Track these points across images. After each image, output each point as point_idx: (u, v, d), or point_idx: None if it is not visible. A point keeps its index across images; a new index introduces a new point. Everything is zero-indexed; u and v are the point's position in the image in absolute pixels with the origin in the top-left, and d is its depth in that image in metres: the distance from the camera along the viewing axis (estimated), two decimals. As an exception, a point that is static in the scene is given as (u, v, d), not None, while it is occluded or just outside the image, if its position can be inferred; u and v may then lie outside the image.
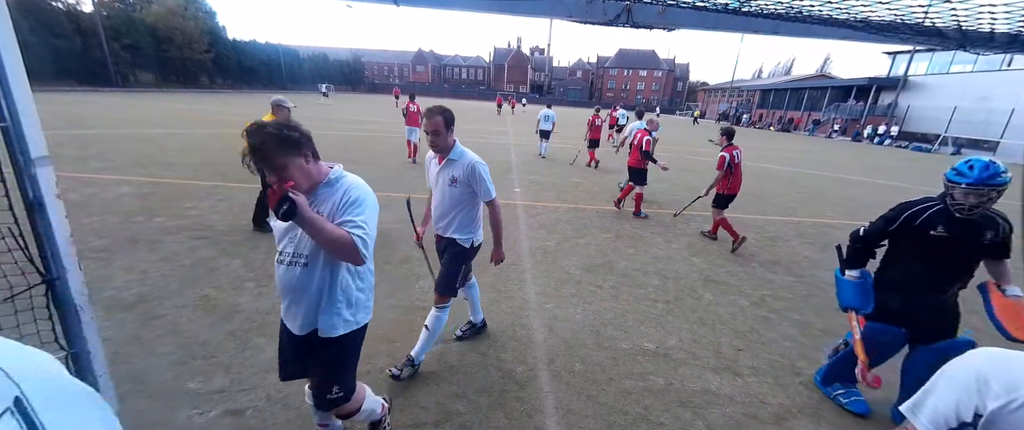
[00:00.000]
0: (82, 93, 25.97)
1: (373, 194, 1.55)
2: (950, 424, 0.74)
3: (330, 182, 1.52)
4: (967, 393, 0.74)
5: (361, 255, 1.41)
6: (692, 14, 1.98)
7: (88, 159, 7.61)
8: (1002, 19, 1.22)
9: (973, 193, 2.04)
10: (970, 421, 0.72)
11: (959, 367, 0.78)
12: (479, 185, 2.42)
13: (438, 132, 2.26)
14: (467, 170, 2.38)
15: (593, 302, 3.72)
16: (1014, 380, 0.70)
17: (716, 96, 71.51)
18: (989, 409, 0.70)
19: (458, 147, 2.41)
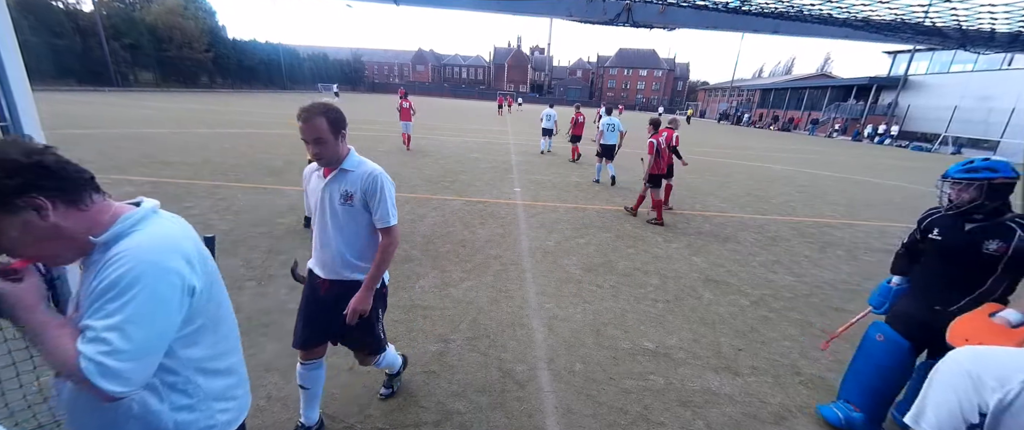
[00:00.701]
0: (82, 92, 25.98)
1: (167, 260, 0.89)
2: (958, 426, 0.74)
3: (104, 244, 0.89)
4: (966, 393, 0.74)
5: (97, 387, 0.79)
6: (692, 13, 1.98)
7: (88, 158, 7.61)
8: (1002, 19, 1.22)
9: (950, 186, 1.99)
10: (977, 423, 0.72)
11: (948, 370, 0.78)
12: (379, 203, 1.79)
13: (322, 139, 1.65)
14: (367, 182, 1.78)
15: (593, 302, 3.72)
16: (1003, 373, 0.72)
17: (716, 96, 71.47)
18: (991, 405, 0.71)
19: (354, 155, 1.81)
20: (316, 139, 1.66)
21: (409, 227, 5.36)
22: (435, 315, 3.31)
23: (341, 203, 1.79)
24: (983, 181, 1.89)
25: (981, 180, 1.89)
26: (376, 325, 2.00)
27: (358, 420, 2.23)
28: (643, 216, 6.61)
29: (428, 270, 4.12)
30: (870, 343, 2.29)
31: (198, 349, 0.98)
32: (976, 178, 1.90)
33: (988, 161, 1.94)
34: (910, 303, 2.24)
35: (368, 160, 1.85)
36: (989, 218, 1.94)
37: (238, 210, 5.49)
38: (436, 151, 11.88)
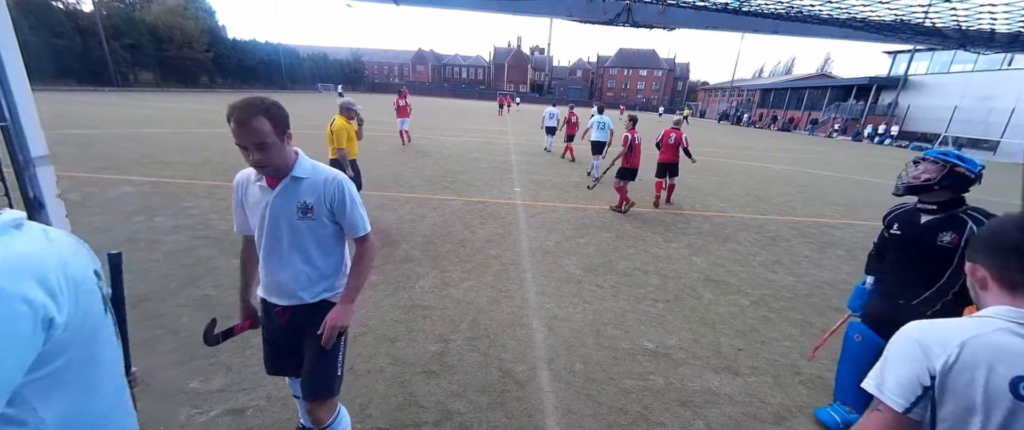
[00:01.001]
0: (82, 92, 25.98)
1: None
2: (915, 392, 0.84)
3: None
4: (916, 361, 0.84)
5: None
6: (692, 13, 1.98)
7: (89, 158, 7.61)
8: (1002, 19, 1.22)
9: (915, 164, 2.04)
10: (929, 385, 0.83)
11: (899, 342, 0.90)
12: (348, 212, 1.57)
13: (265, 144, 1.39)
14: (328, 191, 1.53)
15: (593, 302, 3.72)
16: (945, 338, 0.83)
17: (716, 96, 71.47)
18: (938, 368, 0.81)
19: (304, 160, 1.56)
20: (258, 144, 1.38)
21: (409, 227, 5.36)
22: (435, 315, 3.31)
23: (300, 218, 1.52)
24: (947, 164, 1.94)
25: (947, 162, 1.95)
26: (338, 356, 1.68)
27: (358, 420, 2.23)
28: (642, 215, 6.62)
29: (428, 270, 4.13)
30: (850, 344, 2.31)
31: (59, 403, 0.74)
32: (944, 160, 1.96)
33: (961, 153, 2.00)
34: (879, 300, 2.27)
35: (320, 164, 1.61)
36: (944, 210, 1.97)
37: (238, 210, 5.48)
38: (436, 151, 11.88)
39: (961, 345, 0.81)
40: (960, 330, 0.83)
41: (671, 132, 7.37)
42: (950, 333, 0.84)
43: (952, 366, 0.80)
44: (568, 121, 11.91)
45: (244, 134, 1.37)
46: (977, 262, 0.94)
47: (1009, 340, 0.79)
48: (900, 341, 0.90)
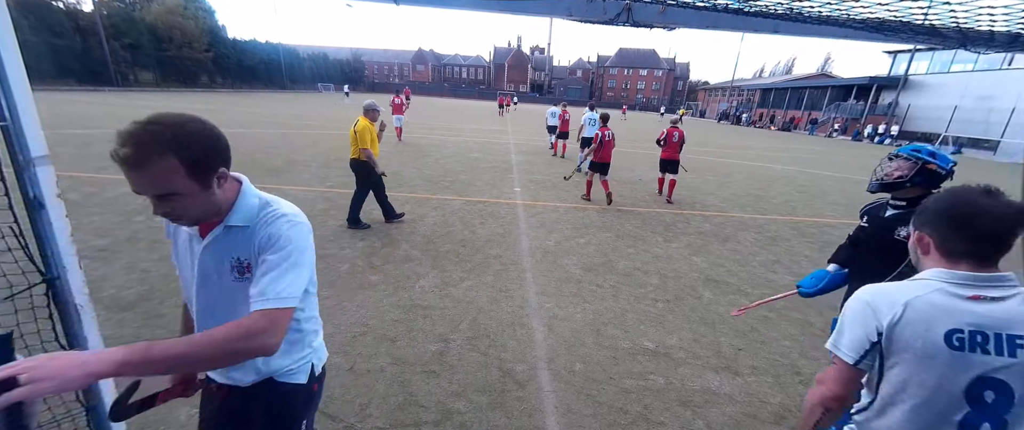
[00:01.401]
0: (82, 92, 25.99)
1: None
2: (864, 347, 0.98)
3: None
4: (865, 319, 0.98)
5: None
6: (692, 13, 1.98)
7: (89, 158, 7.60)
8: (1001, 20, 1.22)
9: (889, 160, 2.05)
10: (876, 340, 0.96)
11: (852, 304, 1.03)
12: (271, 267, 1.03)
13: (172, 195, 0.96)
14: (269, 241, 1.07)
15: (593, 301, 3.73)
16: (892, 298, 0.96)
17: (717, 95, 71.44)
18: (884, 325, 0.95)
19: (248, 198, 1.17)
20: (161, 196, 0.95)
21: (409, 227, 5.36)
22: (435, 315, 3.31)
23: (233, 277, 1.09)
24: (919, 161, 1.95)
25: (919, 160, 1.95)
26: None
27: (358, 420, 2.23)
28: (642, 215, 6.62)
29: (428, 270, 4.13)
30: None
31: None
32: (916, 157, 1.97)
33: (934, 149, 2.00)
34: (847, 291, 2.28)
35: (277, 199, 1.20)
36: (912, 206, 1.97)
37: (238, 210, 5.48)
38: (436, 151, 11.88)
39: (905, 305, 0.94)
40: (904, 291, 0.97)
41: (673, 131, 7.85)
42: (895, 294, 0.97)
43: (896, 322, 0.94)
44: (561, 118, 12.51)
45: (139, 182, 0.93)
46: (923, 230, 1.05)
47: (944, 299, 0.93)
48: (852, 305, 1.03)
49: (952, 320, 0.91)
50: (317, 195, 6.29)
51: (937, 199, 1.03)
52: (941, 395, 0.91)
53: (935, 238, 1.01)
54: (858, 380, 1.03)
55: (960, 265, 0.96)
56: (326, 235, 4.89)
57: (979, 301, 0.91)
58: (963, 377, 0.89)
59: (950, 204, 0.99)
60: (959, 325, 0.90)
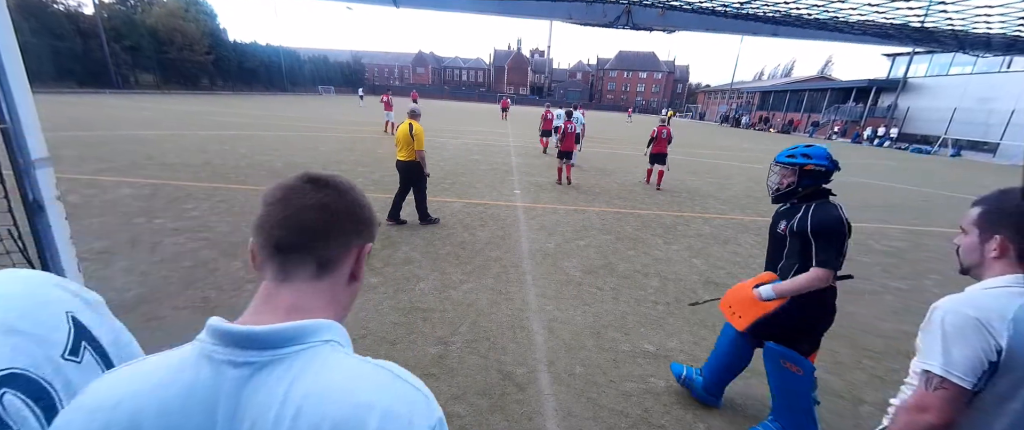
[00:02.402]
0: (83, 95, 26.02)
1: None
2: (982, 368, 0.90)
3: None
4: (979, 337, 0.89)
5: None
6: (692, 16, 1.99)
7: (88, 160, 7.61)
8: (998, 24, 1.23)
9: (778, 171, 2.09)
10: (995, 359, 0.89)
11: (956, 319, 0.93)
12: None
13: None
14: None
15: (593, 304, 3.72)
16: (1001, 312, 0.90)
17: (716, 98, 71.53)
18: (1004, 343, 0.88)
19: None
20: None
21: (409, 229, 5.36)
22: (435, 317, 3.31)
23: None
24: (797, 165, 1.99)
25: (796, 165, 2.00)
26: None
27: (357, 423, 2.22)
28: (642, 218, 6.62)
29: (428, 272, 4.12)
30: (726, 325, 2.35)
31: None
32: (792, 163, 2.01)
33: (809, 148, 2.04)
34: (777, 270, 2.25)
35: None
36: (803, 202, 2.01)
37: (238, 212, 5.49)
38: (436, 153, 11.88)
39: (1015, 319, 0.89)
40: (1004, 303, 0.91)
41: (662, 128, 8.95)
42: (1000, 307, 0.91)
43: (1013, 337, 0.88)
44: (544, 118, 13.70)
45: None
46: (1001, 233, 0.99)
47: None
48: (957, 321, 0.93)
49: None
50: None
51: (1016, 202, 0.99)
52: None
53: (1015, 243, 0.97)
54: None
55: None
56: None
57: None
58: None
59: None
60: None
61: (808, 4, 1.28)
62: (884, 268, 5.24)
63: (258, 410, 0.47)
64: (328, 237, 0.58)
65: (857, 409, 2.61)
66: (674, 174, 10.76)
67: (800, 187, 2.01)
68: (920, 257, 5.79)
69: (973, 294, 0.97)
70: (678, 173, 11.23)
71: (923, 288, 4.68)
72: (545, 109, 14.19)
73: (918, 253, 5.99)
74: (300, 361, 0.50)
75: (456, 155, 11.79)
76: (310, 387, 0.48)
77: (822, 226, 1.87)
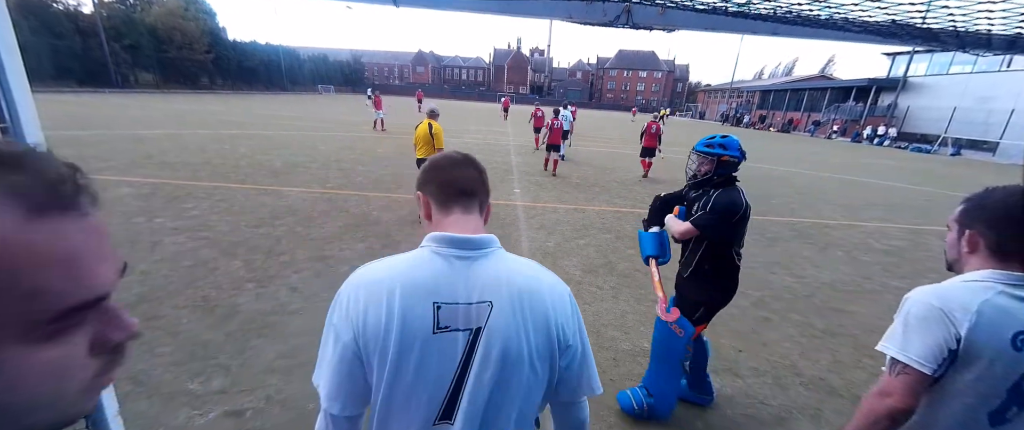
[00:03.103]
0: (82, 94, 26.00)
1: None
2: (942, 355, 0.94)
3: None
4: (940, 325, 0.94)
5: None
6: (692, 15, 1.98)
7: (88, 160, 7.61)
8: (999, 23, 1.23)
9: (697, 158, 2.24)
10: (955, 347, 0.94)
11: (920, 309, 0.98)
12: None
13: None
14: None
15: (593, 303, 3.72)
16: (964, 303, 0.94)
17: (716, 97, 71.52)
18: (964, 332, 0.92)
19: None
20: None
21: (410, 228, 5.36)
22: (435, 316, 3.31)
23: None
24: (714, 156, 2.13)
25: (714, 155, 2.14)
26: None
27: (358, 422, 2.23)
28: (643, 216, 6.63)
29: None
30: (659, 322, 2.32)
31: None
32: (710, 153, 2.15)
33: (725, 138, 2.18)
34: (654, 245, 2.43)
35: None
36: (713, 187, 2.16)
37: (238, 211, 5.49)
38: (436, 152, 11.90)
39: (978, 311, 0.92)
40: (971, 295, 0.95)
41: (652, 124, 10.08)
42: (964, 298, 0.95)
43: (974, 327, 0.92)
44: (534, 115, 14.28)
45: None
46: (974, 228, 1.02)
47: (1007, 301, 0.93)
48: (920, 309, 0.98)
49: (1016, 323, 0.91)
50: (317, 197, 6.29)
51: (997, 200, 1.00)
52: (994, 394, 0.93)
53: (989, 237, 0.99)
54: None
55: (1011, 266, 0.96)
56: (326, 236, 4.88)
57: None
58: (1014, 375, 0.92)
59: (1004, 203, 0.98)
60: (1022, 327, 0.91)
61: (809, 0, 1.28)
62: (884, 267, 5.24)
63: (484, 280, 0.81)
64: (485, 192, 1.00)
65: (856, 407, 2.62)
66: (674, 173, 10.80)
67: (715, 175, 2.17)
68: (920, 256, 5.80)
69: (944, 286, 1.01)
70: (678, 172, 11.21)
71: (923, 287, 4.69)
72: (535, 107, 15.16)
73: (918, 252, 5.99)
74: (496, 255, 0.86)
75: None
76: (510, 266, 0.86)
77: (719, 203, 2.09)
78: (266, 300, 3.37)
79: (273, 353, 2.72)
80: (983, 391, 0.94)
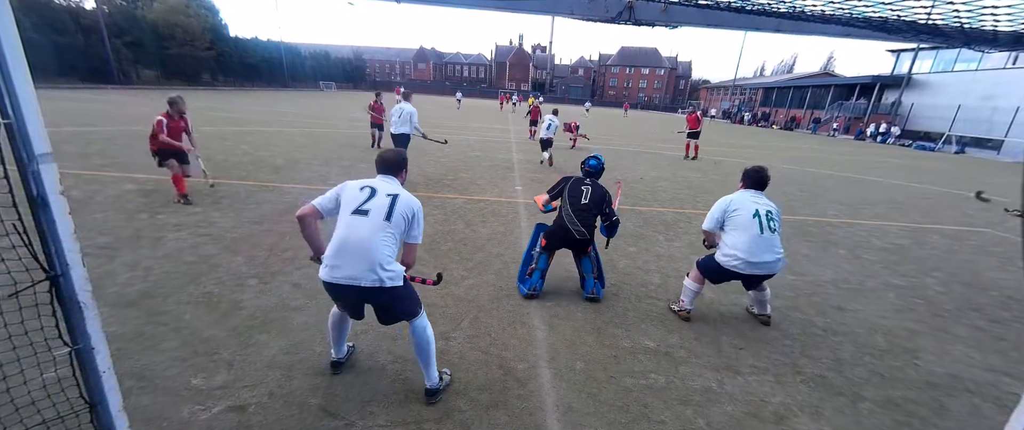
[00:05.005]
0: (84, 90, 26.02)
1: None
2: (719, 220, 3.26)
3: None
4: (720, 210, 3.24)
5: None
6: (694, 11, 1.97)
7: (91, 156, 7.63)
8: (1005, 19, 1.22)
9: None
10: (722, 218, 3.22)
11: (719, 204, 3.27)
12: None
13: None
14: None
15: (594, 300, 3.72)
16: (734, 198, 3.22)
17: (718, 94, 71.23)
18: (727, 212, 3.20)
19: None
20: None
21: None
22: (436, 313, 3.32)
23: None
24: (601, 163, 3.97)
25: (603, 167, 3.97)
26: None
27: (359, 417, 2.24)
28: (644, 214, 6.61)
29: (429, 268, 4.13)
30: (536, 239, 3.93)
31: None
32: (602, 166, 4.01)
33: (596, 154, 4.04)
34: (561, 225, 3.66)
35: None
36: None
37: (240, 207, 5.50)
38: (437, 149, 11.87)
39: (733, 196, 3.24)
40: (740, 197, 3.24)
41: (695, 115, 13.52)
42: (735, 199, 3.22)
43: (734, 211, 3.18)
44: (534, 109, 16.26)
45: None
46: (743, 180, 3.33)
47: (738, 193, 3.27)
48: (719, 203, 3.29)
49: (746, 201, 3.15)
50: (319, 193, 6.29)
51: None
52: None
53: (743, 182, 3.32)
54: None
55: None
56: (329, 233, 4.88)
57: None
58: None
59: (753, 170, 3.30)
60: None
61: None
62: (886, 265, 5.23)
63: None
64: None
65: (857, 406, 2.62)
66: (674, 171, 10.75)
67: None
68: (922, 255, 5.78)
69: (734, 194, 3.32)
70: (679, 170, 11.20)
71: (925, 285, 4.67)
72: (534, 103, 18.19)
73: (920, 251, 5.97)
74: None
75: (457, 151, 11.78)
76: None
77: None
78: (268, 296, 3.39)
79: (276, 348, 2.73)
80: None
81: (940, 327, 3.70)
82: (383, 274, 2.09)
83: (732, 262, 3.12)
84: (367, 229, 2.11)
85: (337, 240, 2.14)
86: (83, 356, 1.41)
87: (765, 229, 3.02)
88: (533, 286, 3.66)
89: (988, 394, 2.84)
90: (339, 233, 2.15)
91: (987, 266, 5.44)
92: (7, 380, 1.53)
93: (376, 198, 2.18)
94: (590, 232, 3.55)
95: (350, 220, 2.14)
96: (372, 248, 2.08)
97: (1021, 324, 3.91)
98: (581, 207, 3.54)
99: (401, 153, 2.40)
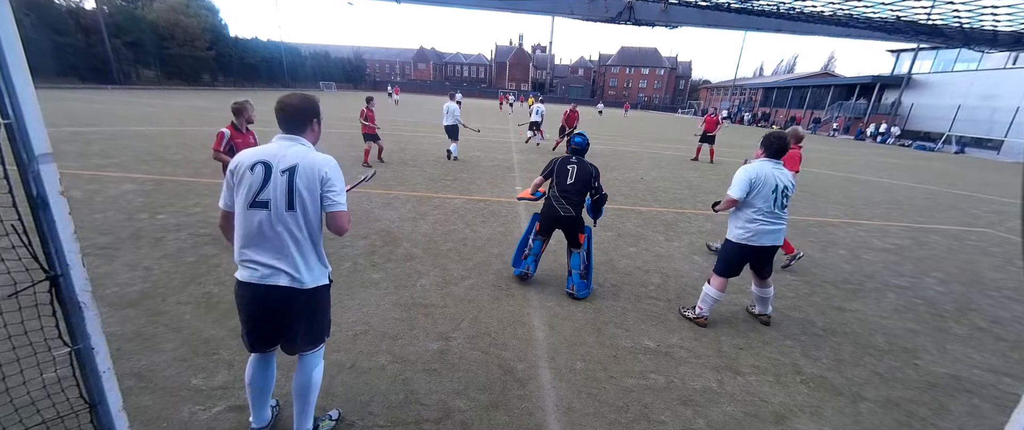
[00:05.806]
0: (84, 90, 26.02)
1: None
2: (747, 191, 3.09)
3: None
4: (746, 181, 3.08)
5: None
6: (695, 11, 1.97)
7: (91, 156, 7.63)
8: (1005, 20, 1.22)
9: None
10: (749, 189, 3.08)
11: (744, 173, 3.12)
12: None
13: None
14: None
15: (594, 300, 3.72)
16: (759, 169, 3.12)
17: (718, 94, 71.24)
18: (754, 184, 3.08)
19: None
20: None
21: (411, 226, 5.37)
22: (436, 313, 3.32)
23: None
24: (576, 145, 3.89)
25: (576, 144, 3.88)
26: None
27: (359, 417, 2.24)
28: (644, 214, 6.61)
29: (429, 268, 4.13)
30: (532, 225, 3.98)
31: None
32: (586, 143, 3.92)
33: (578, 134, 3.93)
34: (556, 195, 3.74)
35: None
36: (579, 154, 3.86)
37: (240, 208, 5.50)
38: (438, 149, 11.87)
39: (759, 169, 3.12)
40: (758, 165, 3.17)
41: (714, 118, 13.22)
42: (753, 170, 3.12)
43: (762, 178, 3.08)
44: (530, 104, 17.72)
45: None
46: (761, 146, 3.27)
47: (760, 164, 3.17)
48: (741, 174, 3.12)
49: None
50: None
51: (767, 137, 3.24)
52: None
53: (761, 149, 3.25)
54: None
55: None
56: (327, 234, 4.89)
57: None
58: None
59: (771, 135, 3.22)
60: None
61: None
62: (886, 265, 5.23)
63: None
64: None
65: (857, 406, 2.62)
66: (674, 171, 10.76)
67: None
68: (922, 255, 5.78)
69: (753, 164, 3.18)
70: (679, 170, 11.20)
71: (925, 286, 4.67)
72: (534, 101, 18.13)
73: (920, 250, 5.97)
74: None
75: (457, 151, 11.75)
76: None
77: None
78: (268, 296, 3.38)
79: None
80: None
81: (940, 327, 3.70)
82: (304, 275, 1.78)
83: (746, 235, 3.18)
84: (269, 228, 1.70)
85: (238, 239, 1.74)
86: (83, 356, 1.41)
87: (777, 205, 3.16)
88: (526, 268, 3.88)
89: (988, 394, 2.84)
90: (238, 231, 1.74)
91: (987, 266, 5.44)
92: (7, 380, 1.53)
93: (272, 181, 1.69)
94: (577, 210, 3.63)
95: (247, 215, 1.70)
96: (280, 250, 1.73)
97: (1021, 324, 3.91)
98: (567, 187, 3.63)
99: (308, 98, 1.94)
